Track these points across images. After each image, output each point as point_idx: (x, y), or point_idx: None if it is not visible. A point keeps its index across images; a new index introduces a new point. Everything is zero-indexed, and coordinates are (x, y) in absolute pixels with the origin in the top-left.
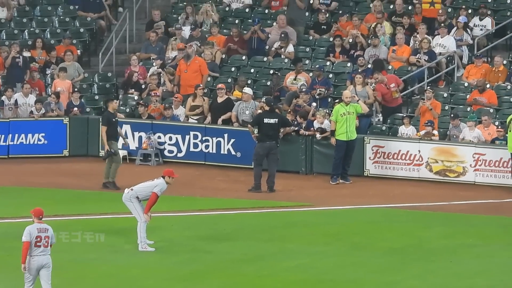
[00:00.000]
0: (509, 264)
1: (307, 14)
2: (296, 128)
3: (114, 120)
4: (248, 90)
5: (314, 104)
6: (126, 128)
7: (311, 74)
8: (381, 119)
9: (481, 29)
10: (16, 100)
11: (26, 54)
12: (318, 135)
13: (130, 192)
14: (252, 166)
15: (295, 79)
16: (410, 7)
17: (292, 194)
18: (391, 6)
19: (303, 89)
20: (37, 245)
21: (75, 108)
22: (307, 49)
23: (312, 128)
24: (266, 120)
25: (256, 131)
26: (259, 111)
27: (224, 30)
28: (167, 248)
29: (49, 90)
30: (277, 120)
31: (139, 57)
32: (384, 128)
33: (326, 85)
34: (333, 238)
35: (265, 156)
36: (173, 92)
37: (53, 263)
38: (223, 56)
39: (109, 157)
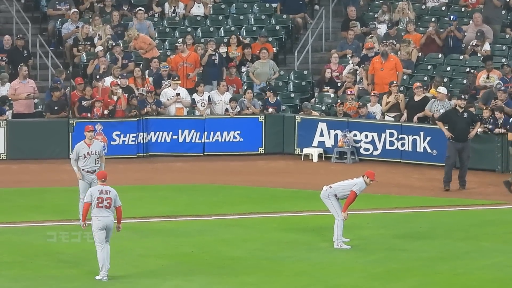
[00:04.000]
0: None
1: (503, 12)
2: (490, 126)
3: None
4: (442, 90)
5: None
6: (322, 126)
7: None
8: None
9: None
10: (209, 97)
11: (223, 50)
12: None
13: (329, 189)
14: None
15: (487, 78)
16: None
17: (488, 192)
18: None
19: (501, 88)
20: (98, 206)
21: (271, 107)
22: (504, 47)
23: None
24: (455, 117)
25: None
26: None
27: (421, 28)
28: (363, 246)
29: (244, 87)
30: (467, 116)
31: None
32: None
33: None
34: None
35: (457, 154)
36: (368, 90)
37: (247, 260)
38: (419, 54)
39: None
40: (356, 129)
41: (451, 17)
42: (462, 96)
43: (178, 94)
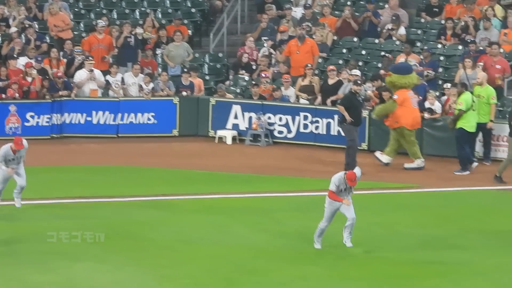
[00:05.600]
0: None
1: None
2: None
3: None
4: (356, 72)
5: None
6: (237, 109)
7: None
8: None
9: None
10: (122, 78)
11: (139, 30)
12: (426, 115)
13: None
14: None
15: (405, 62)
16: None
17: (400, 175)
18: None
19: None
20: None
21: (185, 89)
22: (419, 32)
23: (423, 111)
24: (356, 102)
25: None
26: (369, 92)
27: (336, 12)
28: (277, 229)
29: (159, 69)
30: (362, 101)
31: (254, 38)
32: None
33: (434, 67)
34: (443, 221)
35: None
36: (283, 73)
37: (162, 242)
38: (335, 37)
39: None
40: (270, 112)
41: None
42: (359, 82)
43: (91, 71)
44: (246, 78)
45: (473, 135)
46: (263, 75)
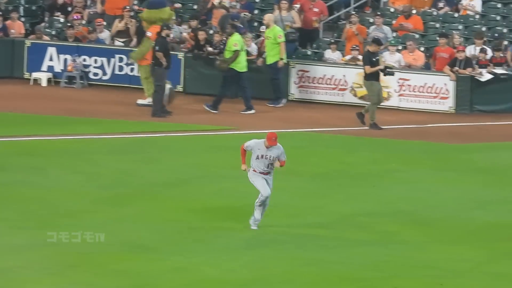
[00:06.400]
0: (432, 189)
1: None
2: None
3: None
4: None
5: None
6: (52, 51)
7: None
8: None
9: None
10: None
11: None
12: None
13: None
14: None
15: (220, 2)
16: None
17: (217, 117)
18: None
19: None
20: None
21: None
22: None
23: None
24: (168, 45)
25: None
26: (184, 34)
27: None
28: (93, 170)
29: None
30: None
31: None
32: (309, 53)
33: (250, 9)
34: None
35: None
36: (101, 14)
37: None
38: None
39: None
40: (85, 54)
41: None
42: (169, 25)
43: None
44: (62, 20)
45: (243, 74)
46: (75, 17)
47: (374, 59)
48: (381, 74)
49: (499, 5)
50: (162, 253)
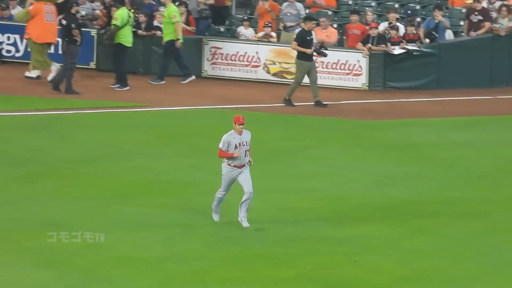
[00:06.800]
0: (345, 166)
1: None
2: (134, 29)
3: None
4: None
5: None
6: None
7: None
8: None
9: None
10: None
11: None
12: (159, 33)
13: None
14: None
15: None
16: None
17: (129, 94)
18: None
19: None
20: None
21: None
22: None
23: (152, 30)
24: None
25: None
26: (97, 12)
27: None
28: (4, 148)
29: None
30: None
31: None
32: (222, 29)
33: None
34: (170, 139)
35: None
36: None
37: None
38: None
39: None
40: None
41: None
42: (78, 2)
43: None
44: None
45: (128, 50)
46: None
47: (308, 38)
48: (314, 53)
49: None
50: (76, 230)
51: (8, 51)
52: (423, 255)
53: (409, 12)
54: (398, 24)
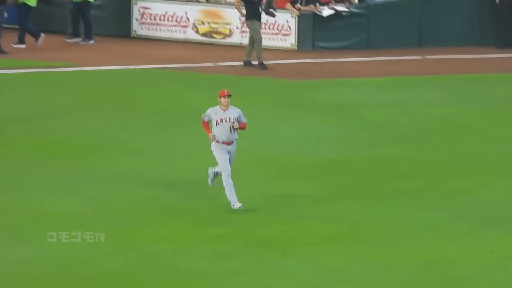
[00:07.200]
0: (273, 125)
1: None
2: None
3: None
4: None
5: None
6: None
7: None
8: None
9: None
10: None
11: None
12: None
13: None
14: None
15: None
16: None
17: (58, 54)
18: None
19: None
20: None
21: None
22: None
23: None
24: None
25: None
26: None
27: None
28: None
29: None
30: None
31: None
32: None
33: None
34: (99, 99)
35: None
36: None
37: None
38: None
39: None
40: None
41: None
42: None
43: None
44: None
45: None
46: None
47: None
48: (263, 13)
49: None
50: (2, 189)
51: None
52: (351, 214)
53: None
54: None
